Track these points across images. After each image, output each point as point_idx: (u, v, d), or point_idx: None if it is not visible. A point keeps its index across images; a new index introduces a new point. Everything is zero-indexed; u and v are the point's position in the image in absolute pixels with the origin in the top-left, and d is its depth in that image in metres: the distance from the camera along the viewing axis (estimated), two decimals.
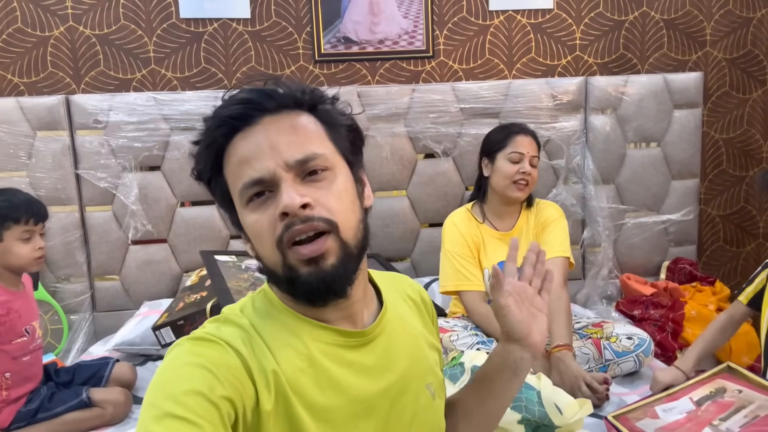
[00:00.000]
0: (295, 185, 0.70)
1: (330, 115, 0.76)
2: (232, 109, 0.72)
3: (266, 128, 0.71)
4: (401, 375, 0.79)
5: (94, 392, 1.60)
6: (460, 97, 2.32)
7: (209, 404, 0.63)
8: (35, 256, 1.57)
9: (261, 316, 0.75)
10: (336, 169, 0.74)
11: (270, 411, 0.68)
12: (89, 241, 2.24)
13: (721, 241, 2.69)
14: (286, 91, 0.73)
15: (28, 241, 1.55)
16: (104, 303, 2.29)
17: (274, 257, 0.71)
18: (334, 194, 0.71)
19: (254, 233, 0.72)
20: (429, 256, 2.36)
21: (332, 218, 0.70)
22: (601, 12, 2.46)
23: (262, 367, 0.69)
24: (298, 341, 0.73)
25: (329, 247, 0.70)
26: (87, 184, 2.20)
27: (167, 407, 0.62)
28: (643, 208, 2.47)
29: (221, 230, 2.31)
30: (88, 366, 1.75)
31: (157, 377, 0.66)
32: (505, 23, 2.43)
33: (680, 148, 2.45)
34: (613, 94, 2.38)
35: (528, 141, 1.84)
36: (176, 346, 0.70)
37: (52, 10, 2.21)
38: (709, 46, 2.53)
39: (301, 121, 0.73)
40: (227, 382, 0.65)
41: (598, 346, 1.68)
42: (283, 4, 2.31)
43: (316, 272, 0.70)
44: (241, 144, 0.71)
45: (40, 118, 2.15)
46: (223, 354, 0.68)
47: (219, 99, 0.76)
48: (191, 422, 0.61)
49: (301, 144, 0.71)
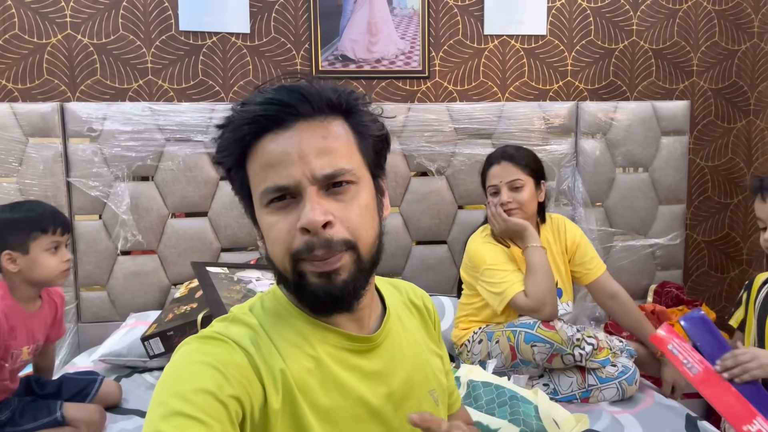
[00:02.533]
0: (318, 198, 0.69)
1: (363, 124, 0.75)
2: (265, 108, 0.70)
3: (298, 134, 0.70)
4: (404, 381, 0.79)
5: (69, 408, 1.51)
6: (454, 117, 2.36)
7: (218, 403, 0.62)
8: (62, 268, 1.50)
9: (270, 316, 0.75)
10: (361, 183, 0.73)
11: (278, 410, 0.68)
12: (77, 250, 2.21)
13: (706, 266, 2.74)
14: (322, 93, 0.71)
15: (55, 252, 1.49)
16: (89, 314, 2.24)
17: (285, 263, 0.71)
18: (355, 210, 0.71)
19: (270, 236, 0.72)
20: (420, 273, 2.36)
21: (351, 238, 0.70)
22: (593, 40, 2.53)
23: (270, 366, 0.69)
24: (306, 342, 0.73)
25: (344, 263, 0.70)
26: (78, 192, 2.18)
27: (176, 405, 0.61)
28: (631, 231, 2.51)
29: (212, 242, 2.29)
30: (75, 380, 1.67)
31: (165, 375, 0.66)
32: (499, 47, 2.48)
33: (667, 174, 2.51)
34: (603, 119, 2.44)
35: (501, 168, 1.79)
36: (184, 344, 0.70)
37: (51, 18, 2.21)
38: (696, 76, 2.61)
39: (334, 131, 0.71)
40: (235, 381, 0.65)
41: (582, 372, 1.67)
42: (283, 20, 2.34)
43: (326, 285, 0.70)
44: (270, 146, 0.70)
45: (33, 124, 2.13)
46: (231, 353, 0.68)
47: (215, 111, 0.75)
48: (200, 421, 0.61)
49: (330, 157, 0.70)
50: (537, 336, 1.59)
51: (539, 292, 1.66)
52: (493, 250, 1.80)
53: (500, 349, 1.64)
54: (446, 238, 2.42)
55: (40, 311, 1.56)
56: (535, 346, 1.58)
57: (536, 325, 1.61)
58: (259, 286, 1.92)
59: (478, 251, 1.81)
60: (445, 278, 2.38)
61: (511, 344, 1.61)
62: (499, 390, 1.33)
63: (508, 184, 1.78)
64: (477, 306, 1.84)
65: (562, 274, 1.89)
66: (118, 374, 1.87)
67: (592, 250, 1.93)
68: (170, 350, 1.77)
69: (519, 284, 1.70)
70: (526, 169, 1.80)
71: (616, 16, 2.53)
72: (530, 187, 1.80)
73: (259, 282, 1.95)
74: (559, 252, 1.90)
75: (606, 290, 1.90)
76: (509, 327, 1.65)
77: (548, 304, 1.65)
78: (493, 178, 1.81)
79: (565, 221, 1.96)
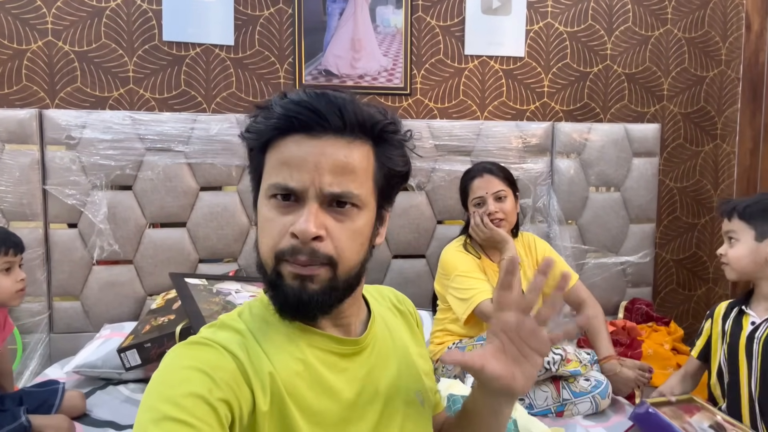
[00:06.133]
0: (318, 212, 0.71)
1: (388, 155, 0.77)
2: (300, 111, 0.71)
3: (322, 146, 0.71)
4: (391, 383, 0.81)
5: (34, 418, 1.49)
6: (434, 134, 2.40)
7: (207, 406, 0.64)
8: (17, 288, 1.52)
9: (258, 321, 0.77)
10: (364, 209, 0.75)
11: (266, 412, 0.69)
12: (51, 259, 2.17)
13: (674, 284, 2.82)
14: (358, 114, 0.73)
15: (8, 272, 1.51)
16: (62, 324, 2.20)
17: (269, 259, 0.73)
18: (348, 232, 0.73)
19: (264, 229, 0.74)
20: (398, 287, 2.30)
21: (334, 256, 0.72)
22: (568, 63, 2.61)
23: (259, 369, 0.70)
24: (294, 346, 0.75)
25: (319, 275, 0.72)
26: (54, 200, 2.14)
27: (166, 410, 0.62)
28: (604, 249, 2.58)
29: (190, 254, 2.27)
30: (35, 393, 1.64)
31: (154, 380, 0.67)
32: (479, 67, 2.54)
33: (638, 193, 2.59)
34: (578, 139, 2.51)
35: (485, 180, 1.88)
36: (172, 350, 0.71)
37: (32, 24, 2.19)
38: (666, 101, 2.71)
39: (355, 154, 0.73)
40: (224, 385, 0.66)
41: (557, 386, 1.71)
42: (267, 34, 2.36)
43: (298, 289, 0.71)
44: (292, 147, 0.72)
45: (10, 130, 2.09)
46: (219, 357, 0.69)
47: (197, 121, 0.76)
48: (190, 425, 0.61)
49: (343, 178, 0.71)
50: None
51: None
52: (465, 259, 1.87)
53: None
54: (425, 252, 2.45)
55: None
56: None
57: None
58: (239, 298, 1.91)
59: (450, 259, 1.89)
60: (423, 291, 2.41)
61: None
62: None
63: (494, 195, 1.87)
64: (451, 319, 1.88)
65: None
66: (93, 386, 1.83)
67: (562, 264, 2.00)
68: (147, 362, 1.76)
69: (487, 293, 1.76)
70: (505, 181, 1.91)
71: (592, 40, 2.61)
72: (511, 198, 1.90)
73: (239, 294, 1.94)
74: (530, 266, 1.98)
75: (576, 299, 2.00)
76: (479, 340, 1.69)
77: None
78: (479, 190, 1.88)
79: (534, 238, 2.05)
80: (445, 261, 1.91)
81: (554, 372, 1.65)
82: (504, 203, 1.87)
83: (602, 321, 1.94)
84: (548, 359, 1.63)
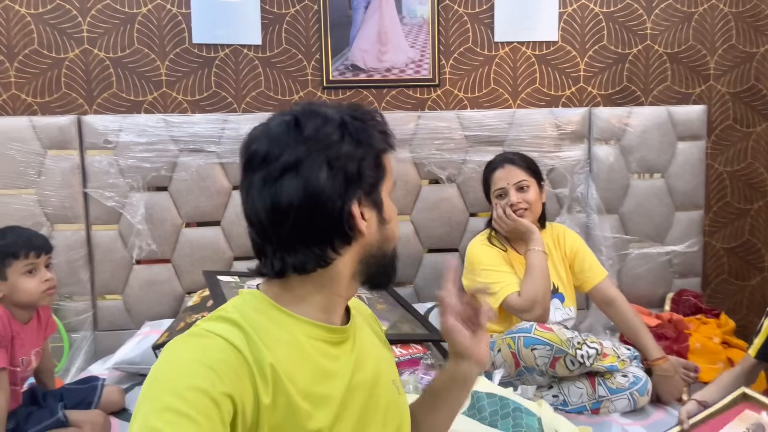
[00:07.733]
0: None
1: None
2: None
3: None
4: (373, 369, 0.84)
5: (72, 414, 1.54)
6: (464, 124, 2.35)
7: (210, 401, 0.64)
8: (43, 288, 1.54)
9: (253, 313, 0.77)
10: None
11: (268, 405, 0.69)
12: (94, 259, 2.25)
13: (725, 273, 2.68)
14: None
15: (33, 274, 1.53)
16: (105, 322, 2.29)
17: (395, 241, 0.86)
18: None
19: (393, 217, 0.85)
20: (432, 282, 2.36)
21: None
22: (605, 45, 2.50)
23: (260, 361, 0.71)
24: (290, 336, 0.76)
25: None
26: (94, 202, 2.22)
27: (168, 401, 0.62)
28: (647, 239, 2.47)
29: (225, 251, 2.32)
30: (75, 390, 1.69)
31: (155, 371, 0.67)
32: (510, 54, 2.47)
33: (684, 179, 2.46)
34: (617, 125, 2.41)
35: (506, 171, 1.85)
36: (175, 341, 0.72)
37: (69, 33, 2.27)
38: (713, 80, 2.56)
39: None
40: (227, 379, 0.66)
41: (593, 382, 1.65)
42: (294, 32, 2.37)
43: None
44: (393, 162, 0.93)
45: (51, 137, 2.18)
46: (223, 350, 0.69)
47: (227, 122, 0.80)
48: (191, 418, 0.61)
49: None
50: (536, 338, 1.57)
51: (532, 292, 1.68)
52: (490, 253, 1.84)
53: (503, 358, 1.64)
54: (458, 246, 2.40)
55: (32, 321, 1.60)
56: (536, 350, 1.57)
57: (533, 328, 1.60)
58: None
59: (476, 253, 1.86)
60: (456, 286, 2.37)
61: (512, 351, 1.60)
62: (503, 401, 1.31)
63: (516, 185, 1.83)
64: None
65: (563, 279, 1.89)
66: (132, 382, 1.90)
67: (591, 258, 1.93)
68: None
69: (514, 285, 1.73)
70: (528, 170, 1.87)
71: (630, 20, 2.50)
72: (535, 188, 1.86)
73: None
74: (559, 258, 1.92)
75: (603, 297, 1.89)
76: (508, 334, 1.64)
77: (539, 304, 1.68)
78: (500, 181, 1.84)
79: (564, 229, 1.99)
80: (470, 255, 1.88)
81: (589, 367, 1.59)
82: (527, 193, 1.83)
83: (640, 320, 1.84)
84: (582, 353, 1.57)
